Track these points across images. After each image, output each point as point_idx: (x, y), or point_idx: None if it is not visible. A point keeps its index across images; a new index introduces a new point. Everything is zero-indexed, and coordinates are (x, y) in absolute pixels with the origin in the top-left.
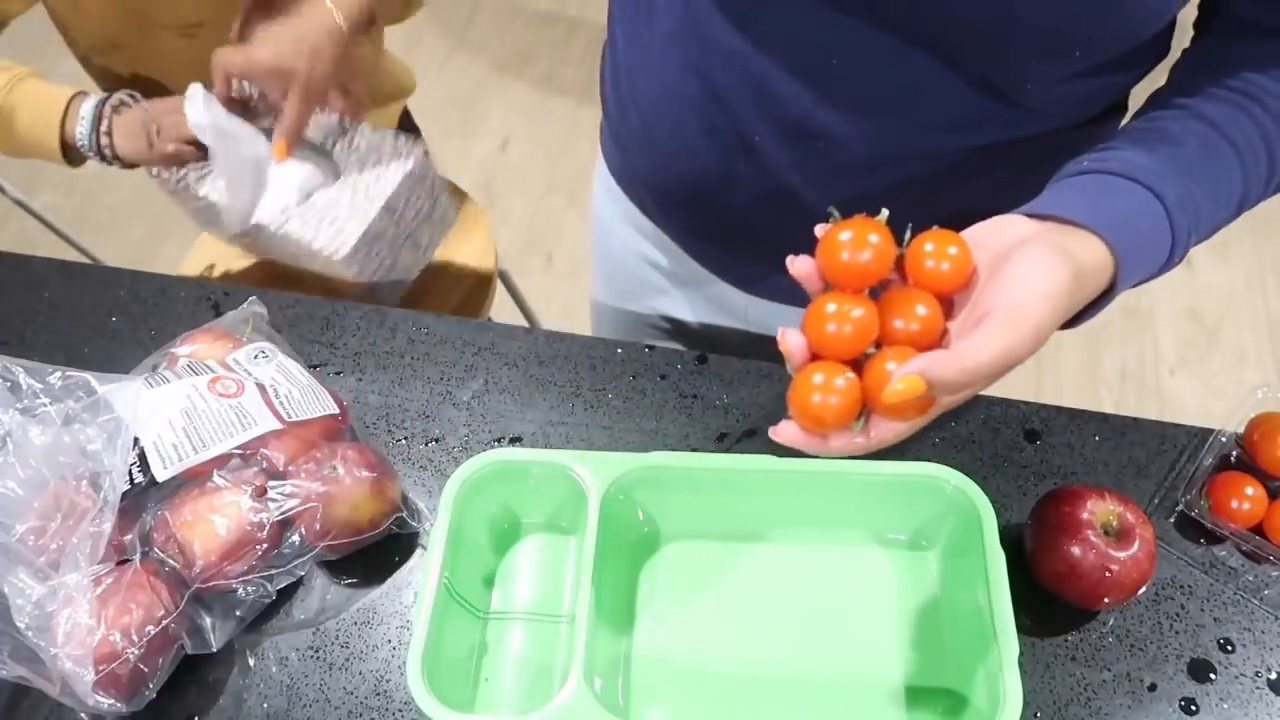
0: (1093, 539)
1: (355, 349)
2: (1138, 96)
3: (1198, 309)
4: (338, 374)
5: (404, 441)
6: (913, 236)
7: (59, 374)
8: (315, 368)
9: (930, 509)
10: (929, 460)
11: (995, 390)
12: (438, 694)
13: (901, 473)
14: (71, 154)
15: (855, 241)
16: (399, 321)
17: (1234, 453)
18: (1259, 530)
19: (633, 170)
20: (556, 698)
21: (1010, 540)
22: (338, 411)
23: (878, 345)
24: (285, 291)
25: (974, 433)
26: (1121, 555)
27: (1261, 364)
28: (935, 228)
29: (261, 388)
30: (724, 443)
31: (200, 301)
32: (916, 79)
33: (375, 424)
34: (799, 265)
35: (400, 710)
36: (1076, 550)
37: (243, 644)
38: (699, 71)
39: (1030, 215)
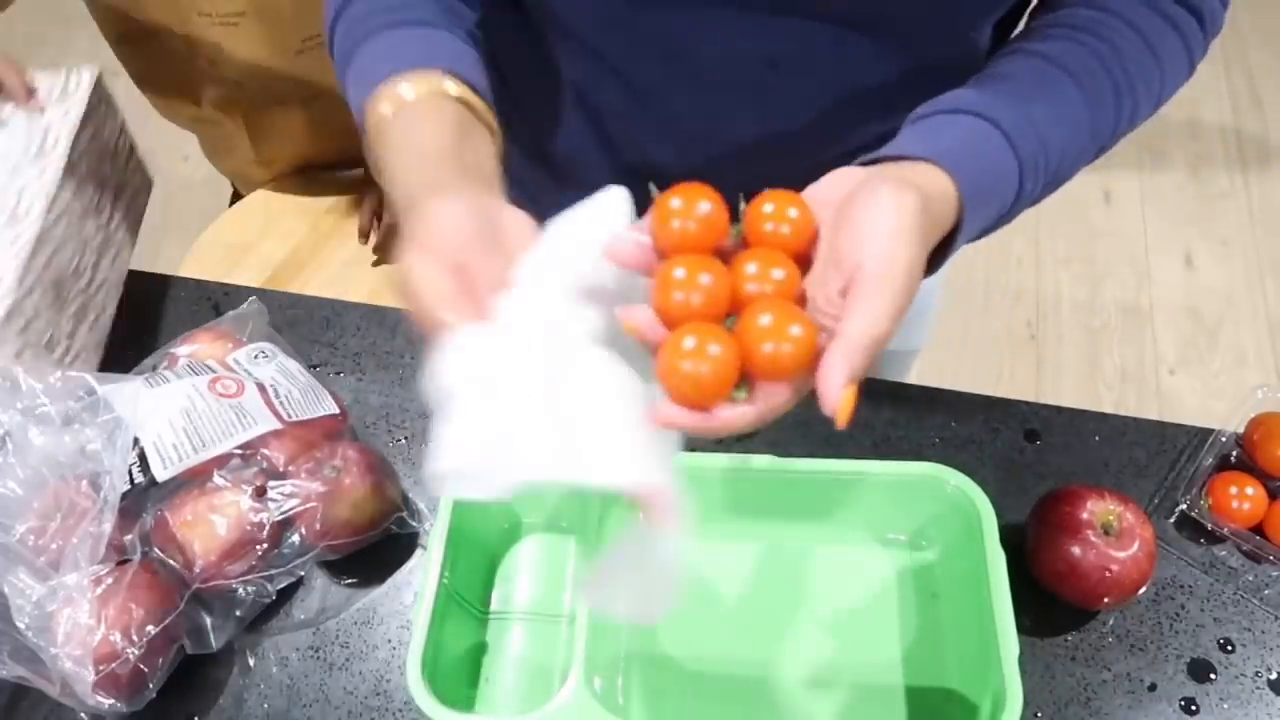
0: (1093, 539)
1: (355, 349)
2: None
3: (1198, 309)
4: (338, 374)
5: (404, 441)
6: (748, 201)
7: (59, 374)
8: (315, 368)
9: (930, 509)
10: (929, 460)
11: (995, 390)
12: (438, 694)
13: (901, 473)
14: None
15: (686, 209)
16: (399, 321)
17: (1234, 453)
18: (1259, 530)
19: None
20: (556, 698)
21: (1010, 540)
22: (338, 411)
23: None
24: (285, 291)
25: (974, 433)
26: (1121, 555)
27: (1261, 364)
28: (770, 190)
29: (261, 388)
30: (724, 443)
31: (200, 301)
32: (860, 64)
33: (375, 424)
34: (636, 317)
35: (400, 710)
36: (1076, 550)
37: (243, 644)
38: (638, 151)
39: (863, 164)
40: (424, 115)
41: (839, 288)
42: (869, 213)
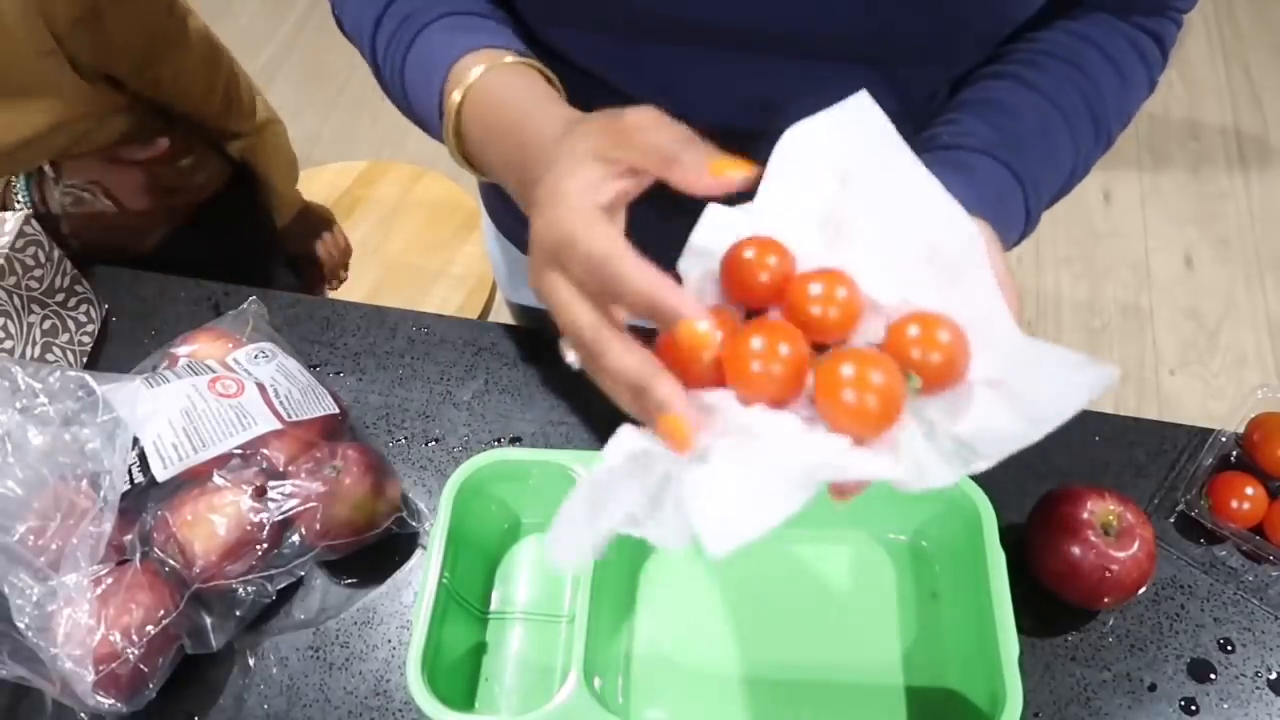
0: (1093, 539)
1: (355, 349)
2: None
3: (1198, 309)
4: (338, 374)
5: (404, 441)
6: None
7: (58, 374)
8: (315, 368)
9: (930, 509)
10: None
11: None
12: (438, 694)
13: None
14: None
15: (758, 261)
16: (399, 321)
17: (1234, 453)
18: (1259, 530)
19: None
20: (556, 697)
21: (1010, 540)
22: (338, 411)
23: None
24: (285, 291)
25: None
26: (1121, 555)
27: (1262, 364)
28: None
29: (261, 387)
30: None
31: (200, 301)
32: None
33: (375, 424)
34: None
35: (400, 710)
36: (1076, 550)
37: (243, 644)
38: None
39: None
40: (498, 87)
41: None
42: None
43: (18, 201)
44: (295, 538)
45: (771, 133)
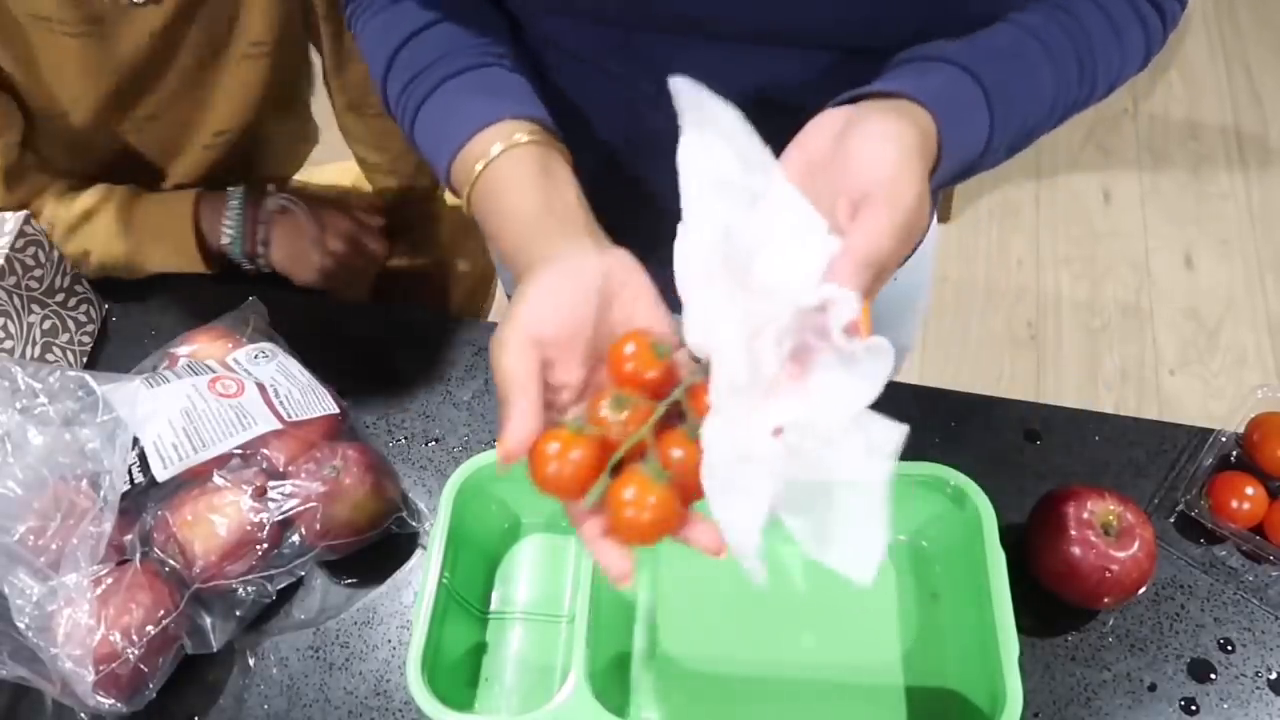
0: (1093, 539)
1: (355, 349)
2: None
3: (1198, 309)
4: (338, 374)
5: (404, 441)
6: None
7: (58, 374)
8: (315, 368)
9: (930, 509)
10: (929, 460)
11: (995, 390)
12: (438, 694)
13: (901, 473)
14: (213, 261)
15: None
16: (399, 321)
17: (1234, 453)
18: (1259, 530)
19: None
20: (556, 698)
21: (1010, 540)
22: (338, 411)
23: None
24: (286, 291)
25: (974, 433)
26: (1121, 555)
27: (1262, 364)
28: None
29: (261, 387)
30: None
31: (200, 301)
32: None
33: (375, 424)
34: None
35: (400, 710)
36: (1076, 550)
37: (243, 644)
38: (633, 168)
39: (844, 102)
40: (509, 177)
41: (846, 214)
42: (872, 143)
43: (228, 224)
44: (295, 538)
45: (768, 125)
